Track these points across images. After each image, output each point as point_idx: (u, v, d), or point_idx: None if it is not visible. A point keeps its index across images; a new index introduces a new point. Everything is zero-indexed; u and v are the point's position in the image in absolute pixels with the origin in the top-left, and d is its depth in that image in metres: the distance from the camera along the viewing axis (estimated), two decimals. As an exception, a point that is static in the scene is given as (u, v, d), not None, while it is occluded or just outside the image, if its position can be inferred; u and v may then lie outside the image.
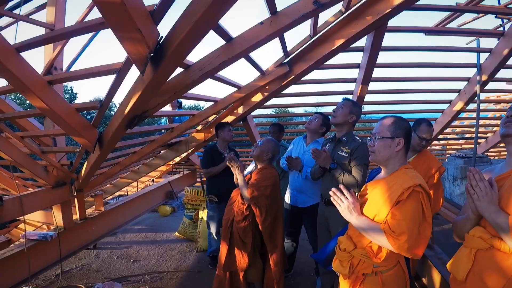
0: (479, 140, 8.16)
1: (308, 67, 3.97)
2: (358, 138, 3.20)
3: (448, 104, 6.41)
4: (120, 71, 2.20)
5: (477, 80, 5.21)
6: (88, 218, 4.79)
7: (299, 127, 17.74)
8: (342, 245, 2.17)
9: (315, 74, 4.69)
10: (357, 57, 5.00)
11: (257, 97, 4.96)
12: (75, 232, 4.50)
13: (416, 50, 5.00)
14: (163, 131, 6.89)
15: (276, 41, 3.13)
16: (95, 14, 3.52)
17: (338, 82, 5.66)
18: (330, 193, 2.16)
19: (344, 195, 2.11)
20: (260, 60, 3.82)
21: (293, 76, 4.15)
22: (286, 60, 4.06)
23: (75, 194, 4.49)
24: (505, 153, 2.21)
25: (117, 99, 31.36)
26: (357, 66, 5.01)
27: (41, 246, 3.88)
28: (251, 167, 3.85)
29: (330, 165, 3.17)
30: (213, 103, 4.67)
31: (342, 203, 2.09)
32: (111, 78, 2.33)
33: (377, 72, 4.97)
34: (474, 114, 6.99)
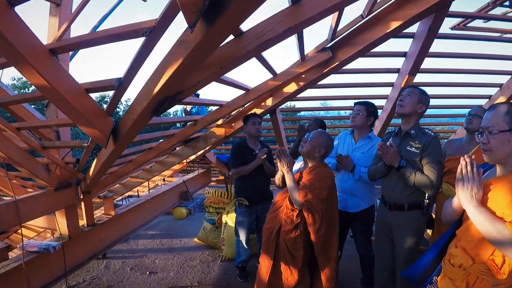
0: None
1: (354, 53, 3.53)
2: (429, 131, 2.81)
3: (487, 99, 5.96)
4: (152, 32, 1.54)
5: None
6: (96, 224, 4.16)
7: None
8: (457, 260, 1.77)
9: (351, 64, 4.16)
10: (400, 45, 4.54)
11: (291, 88, 4.45)
12: (82, 240, 3.90)
13: (472, 39, 4.61)
14: (178, 125, 6.38)
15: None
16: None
17: (380, 73, 5.12)
18: (463, 162, 1.75)
19: (472, 171, 1.71)
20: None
21: (336, 64, 3.70)
22: (329, 45, 3.60)
23: (81, 197, 3.88)
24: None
25: (130, 93, 29.34)
26: (403, 55, 4.49)
27: (43, 258, 3.28)
28: (298, 164, 3.23)
29: (399, 163, 2.72)
30: (244, 92, 4.09)
31: (467, 182, 1.70)
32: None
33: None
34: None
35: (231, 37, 1.96)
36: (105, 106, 2.29)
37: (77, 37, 1.87)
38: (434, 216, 3.60)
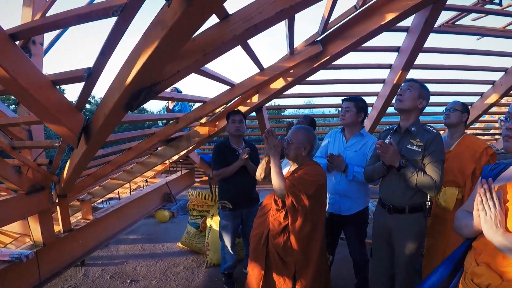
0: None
1: (346, 47, 3.36)
2: (431, 128, 2.65)
3: (479, 97, 5.90)
4: (124, 10, 1.31)
5: None
6: (73, 229, 3.90)
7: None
8: (483, 280, 1.53)
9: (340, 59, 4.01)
10: (391, 40, 4.52)
11: (278, 84, 4.25)
12: (58, 247, 3.64)
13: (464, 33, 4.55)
14: (160, 123, 6.13)
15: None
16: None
17: (371, 68, 4.95)
18: (481, 190, 1.54)
19: (492, 197, 1.51)
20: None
21: (326, 58, 3.52)
22: (319, 38, 3.41)
23: (56, 201, 3.62)
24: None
25: (98, 90, 27.84)
26: (396, 49, 4.32)
27: (15, 269, 3.03)
28: (285, 170, 2.99)
29: (399, 163, 2.53)
30: (228, 87, 3.88)
31: (489, 210, 1.50)
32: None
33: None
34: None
35: (215, 20, 1.73)
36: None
37: (39, 20, 1.63)
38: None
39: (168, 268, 4.84)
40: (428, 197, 2.69)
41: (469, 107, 4.17)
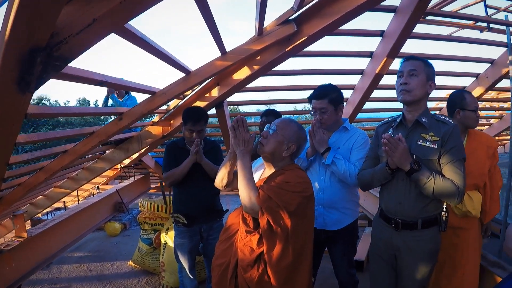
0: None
1: (324, 27, 3.04)
2: (446, 118, 2.11)
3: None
4: None
5: (510, 60, 4.32)
6: (3, 250, 3.42)
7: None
8: None
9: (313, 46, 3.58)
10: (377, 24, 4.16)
11: (242, 73, 3.78)
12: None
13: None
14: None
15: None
16: None
17: (348, 56, 4.52)
18: None
19: None
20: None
21: (300, 40, 3.16)
22: (294, 15, 3.04)
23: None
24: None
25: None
26: (379, 34, 3.94)
27: None
28: (257, 175, 2.29)
29: (410, 164, 1.95)
30: (183, 75, 3.29)
31: None
32: None
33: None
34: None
35: None
36: None
37: None
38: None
39: (118, 292, 4.17)
40: (444, 206, 2.12)
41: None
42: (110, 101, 5.73)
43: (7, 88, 1.24)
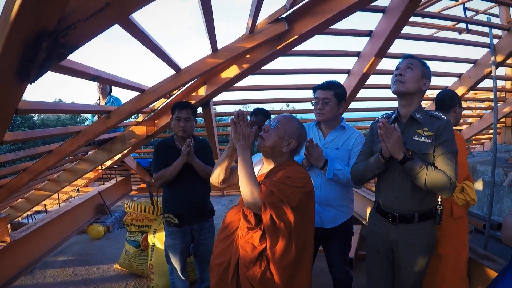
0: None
1: (315, 26, 3.10)
2: (439, 114, 2.18)
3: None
4: None
5: (492, 61, 4.53)
6: None
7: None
8: None
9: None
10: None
11: (230, 72, 3.78)
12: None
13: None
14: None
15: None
16: None
17: (336, 56, 4.50)
18: None
19: None
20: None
21: (291, 39, 3.21)
22: (285, 14, 3.07)
23: None
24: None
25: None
26: (367, 34, 3.98)
27: None
28: (256, 169, 2.26)
29: (404, 154, 2.01)
30: (173, 73, 3.24)
31: None
32: None
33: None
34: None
35: None
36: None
37: None
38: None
39: (105, 297, 4.03)
40: (439, 200, 2.16)
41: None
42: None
43: (6, 77, 1.18)
